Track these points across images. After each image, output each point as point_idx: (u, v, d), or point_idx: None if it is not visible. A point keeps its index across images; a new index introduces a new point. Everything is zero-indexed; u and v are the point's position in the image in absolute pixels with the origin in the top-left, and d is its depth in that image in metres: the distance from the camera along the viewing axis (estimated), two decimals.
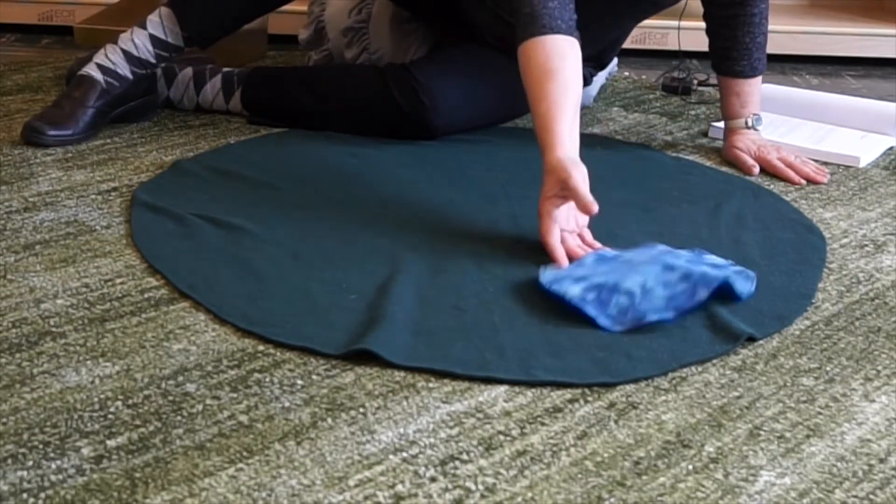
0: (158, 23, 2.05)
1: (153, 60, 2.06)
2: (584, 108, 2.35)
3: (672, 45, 2.73)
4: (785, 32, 2.81)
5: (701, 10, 2.10)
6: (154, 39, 2.04)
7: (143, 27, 2.05)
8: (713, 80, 2.45)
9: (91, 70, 2.04)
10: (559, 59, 1.71)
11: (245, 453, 1.14)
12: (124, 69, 2.04)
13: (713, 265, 1.61)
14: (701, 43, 2.22)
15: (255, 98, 2.17)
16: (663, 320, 1.44)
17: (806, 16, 3.01)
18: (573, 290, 1.47)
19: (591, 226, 1.72)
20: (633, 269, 1.51)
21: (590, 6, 1.97)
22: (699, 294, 1.47)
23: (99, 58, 2.05)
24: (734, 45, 2.06)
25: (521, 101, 2.21)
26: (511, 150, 2.06)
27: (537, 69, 1.71)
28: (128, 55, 2.04)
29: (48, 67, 2.48)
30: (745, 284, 1.54)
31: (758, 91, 2.11)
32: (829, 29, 2.91)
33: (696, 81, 2.52)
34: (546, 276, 1.52)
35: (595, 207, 1.57)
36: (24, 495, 1.06)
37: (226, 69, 2.20)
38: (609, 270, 1.52)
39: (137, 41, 2.04)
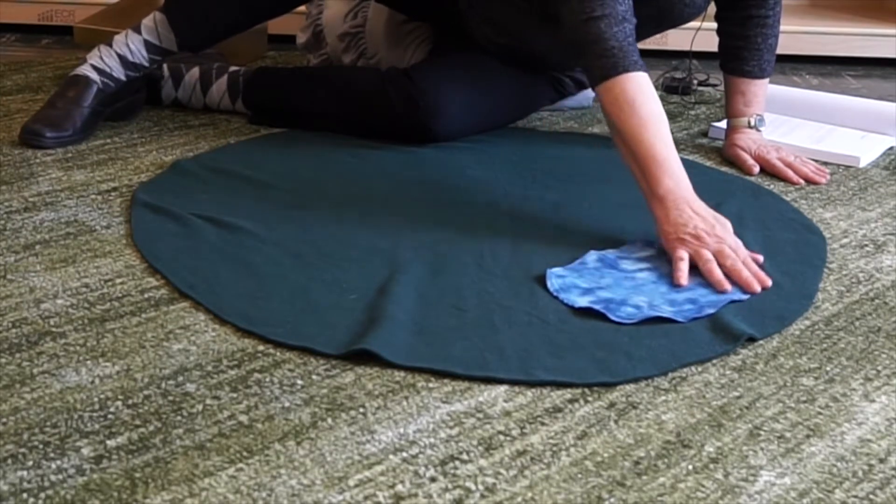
0: (153, 28, 2.05)
1: (147, 64, 2.07)
2: (583, 108, 2.35)
3: (672, 46, 2.73)
4: (785, 32, 2.78)
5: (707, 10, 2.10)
6: (148, 45, 2.05)
7: (138, 31, 2.06)
8: (713, 80, 2.46)
9: (86, 70, 2.04)
10: (648, 94, 1.68)
11: (245, 453, 1.14)
12: (119, 72, 2.05)
13: None
14: (701, 43, 2.23)
15: (257, 98, 2.17)
16: (674, 319, 1.44)
17: (806, 16, 3.01)
18: (581, 302, 1.48)
19: (591, 225, 1.72)
20: (637, 290, 1.51)
21: None
22: (706, 311, 1.47)
23: (93, 59, 2.05)
24: (745, 46, 2.06)
25: (523, 105, 2.22)
26: (511, 150, 2.06)
27: (633, 105, 1.66)
28: (123, 59, 2.05)
29: (48, 67, 2.48)
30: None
31: (763, 93, 2.11)
32: (829, 29, 2.91)
33: (696, 81, 2.52)
34: (553, 283, 1.52)
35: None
36: (24, 495, 1.06)
37: (232, 68, 2.20)
38: (613, 284, 1.52)
39: (132, 46, 2.05)
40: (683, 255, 1.56)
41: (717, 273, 1.53)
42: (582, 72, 1.88)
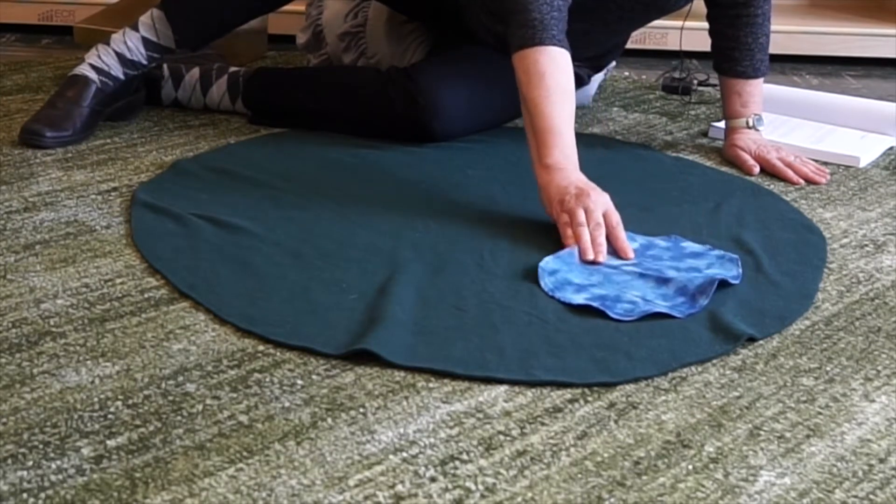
0: (150, 25, 2.05)
1: (145, 62, 2.07)
2: (582, 107, 2.35)
3: (672, 45, 2.74)
4: (785, 32, 2.81)
5: (703, 10, 2.10)
6: (146, 42, 2.05)
7: (136, 29, 2.06)
8: (713, 80, 2.46)
9: (85, 70, 2.04)
10: (561, 69, 1.74)
11: (245, 453, 1.14)
12: (117, 71, 2.05)
13: (693, 254, 1.62)
14: (701, 43, 2.23)
15: (257, 98, 2.17)
16: (671, 315, 1.45)
17: (806, 16, 3.01)
18: (577, 299, 1.48)
19: None
20: (628, 285, 1.52)
21: (597, 12, 1.97)
22: (700, 302, 1.48)
23: (91, 58, 2.05)
24: (737, 46, 2.06)
25: None
26: (510, 150, 2.06)
27: (542, 77, 1.72)
28: (121, 57, 2.05)
29: (48, 67, 2.48)
30: (731, 272, 1.56)
31: (759, 92, 2.11)
32: (829, 29, 2.91)
33: (696, 81, 2.52)
34: (546, 282, 1.52)
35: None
36: (24, 495, 1.06)
37: (232, 69, 2.20)
38: (604, 281, 1.53)
39: (130, 43, 2.05)
40: (566, 218, 1.64)
41: (585, 240, 1.60)
42: (579, 66, 1.92)
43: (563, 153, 1.69)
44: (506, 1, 1.77)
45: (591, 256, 1.57)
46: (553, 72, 1.72)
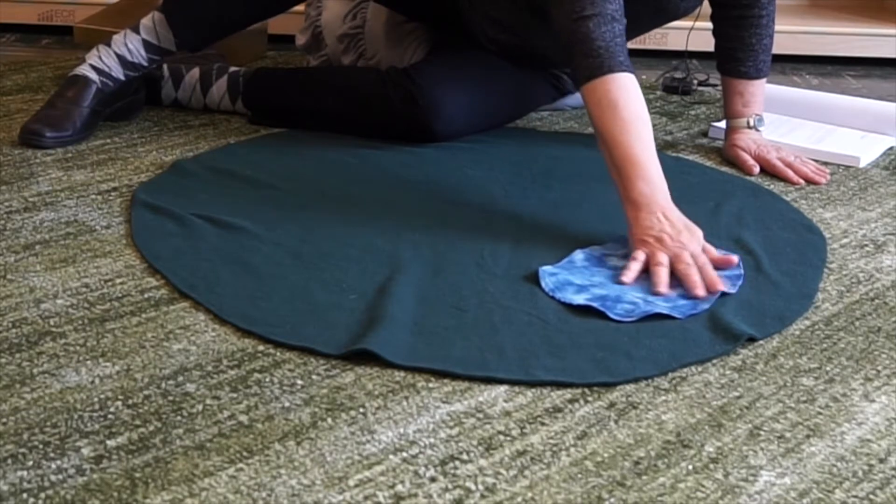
0: (151, 28, 2.05)
1: (146, 64, 2.07)
2: (583, 108, 2.35)
3: (672, 46, 2.73)
4: (785, 32, 2.80)
5: (707, 11, 2.10)
6: (147, 44, 2.05)
7: (137, 31, 2.06)
8: (713, 80, 2.46)
9: (85, 70, 2.04)
10: (632, 96, 1.67)
11: (245, 453, 1.14)
12: (118, 72, 2.05)
13: None
14: (701, 43, 2.23)
15: (257, 98, 2.17)
16: (672, 315, 1.44)
17: (806, 16, 3.01)
18: (577, 300, 1.48)
19: (591, 225, 1.72)
20: (629, 287, 1.52)
21: None
22: (701, 306, 1.48)
23: (92, 59, 2.05)
24: (740, 46, 2.06)
25: (523, 103, 2.22)
26: (511, 150, 2.06)
27: (615, 108, 1.65)
28: (121, 59, 2.05)
29: (48, 67, 2.48)
30: (733, 278, 1.56)
31: (761, 92, 2.11)
32: (829, 29, 2.91)
33: (696, 81, 2.52)
34: (547, 282, 1.52)
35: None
36: (24, 495, 1.06)
37: (232, 69, 2.20)
38: (605, 281, 1.53)
39: (131, 46, 2.05)
40: (639, 255, 1.56)
41: (662, 276, 1.52)
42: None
43: (649, 184, 1.60)
44: (570, 32, 1.70)
45: (662, 290, 1.50)
46: (625, 100, 1.65)
